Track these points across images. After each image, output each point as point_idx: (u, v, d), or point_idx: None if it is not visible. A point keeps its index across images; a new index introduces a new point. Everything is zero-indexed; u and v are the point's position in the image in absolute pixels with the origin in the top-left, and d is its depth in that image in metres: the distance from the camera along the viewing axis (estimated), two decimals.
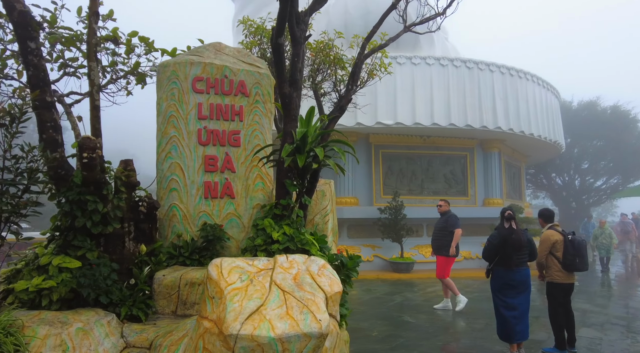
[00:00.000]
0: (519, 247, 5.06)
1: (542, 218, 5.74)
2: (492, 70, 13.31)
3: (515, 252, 5.08)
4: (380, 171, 14.02)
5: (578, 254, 5.33)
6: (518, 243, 5.05)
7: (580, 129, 28.16)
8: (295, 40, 3.98)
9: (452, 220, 7.81)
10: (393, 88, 12.51)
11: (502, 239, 5.10)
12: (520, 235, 5.11)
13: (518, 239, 5.06)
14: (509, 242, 5.06)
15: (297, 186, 3.88)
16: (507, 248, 5.07)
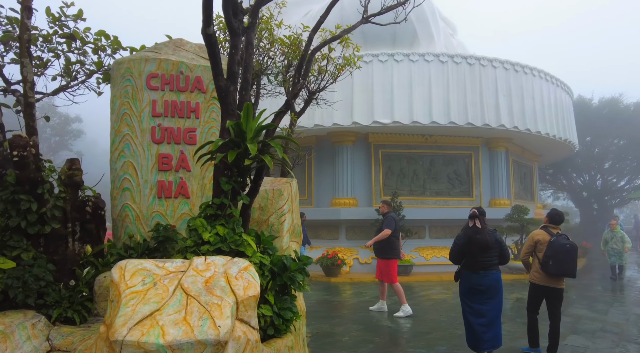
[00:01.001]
0: (485, 247, 4.71)
1: (547, 217, 5.48)
2: (495, 66, 12.85)
3: (481, 253, 4.73)
4: (380, 171, 13.72)
5: (553, 256, 5.07)
6: (483, 243, 4.70)
7: (602, 127, 27.09)
8: (233, 31, 3.80)
9: (387, 221, 7.61)
10: (390, 86, 12.21)
11: (466, 239, 4.80)
12: (486, 235, 4.75)
13: (483, 239, 4.71)
14: (473, 242, 4.74)
15: (232, 184, 3.69)
16: (472, 249, 4.76)
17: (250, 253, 3.65)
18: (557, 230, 5.35)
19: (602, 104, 27.50)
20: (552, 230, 5.34)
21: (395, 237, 7.58)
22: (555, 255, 5.10)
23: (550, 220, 5.45)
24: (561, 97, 15.19)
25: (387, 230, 7.44)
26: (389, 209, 7.89)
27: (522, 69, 13.35)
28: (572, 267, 5.07)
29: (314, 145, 14.20)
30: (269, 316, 3.73)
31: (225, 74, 3.83)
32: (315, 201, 14.07)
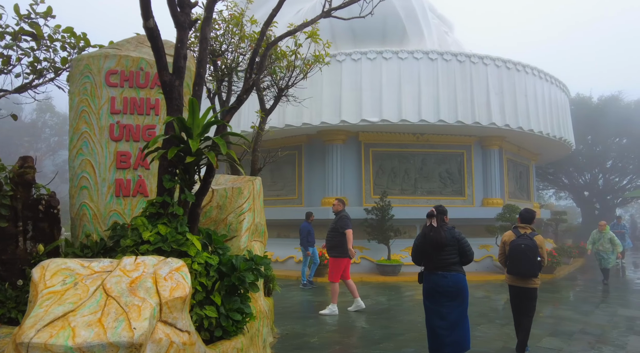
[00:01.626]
0: (438, 245, 4.55)
1: (519, 217, 5.47)
2: (486, 64, 12.68)
3: (436, 252, 4.59)
4: (370, 170, 13.60)
5: (510, 256, 5.16)
6: (436, 241, 4.55)
7: (603, 125, 26.72)
8: (179, 25, 3.72)
9: (343, 220, 7.50)
10: (379, 84, 12.09)
11: (422, 238, 4.72)
12: (440, 232, 4.58)
13: (436, 237, 4.56)
14: (427, 241, 4.63)
15: (175, 182, 3.60)
16: (426, 247, 4.65)
17: (193, 253, 3.55)
18: (527, 230, 5.27)
19: (602, 102, 27.15)
20: (521, 230, 5.29)
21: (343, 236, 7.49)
22: (511, 256, 5.16)
23: (521, 219, 5.42)
24: (556, 95, 14.97)
25: (349, 230, 7.36)
26: (343, 207, 7.79)
27: (515, 66, 13.16)
28: (526, 267, 5.04)
29: (305, 144, 14.11)
30: (214, 317, 3.65)
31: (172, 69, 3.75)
32: (305, 200, 13.98)
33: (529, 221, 5.35)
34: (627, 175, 29.67)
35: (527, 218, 5.36)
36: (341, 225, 7.39)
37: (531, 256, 5.01)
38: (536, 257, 5.02)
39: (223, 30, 5.91)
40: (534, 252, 5.03)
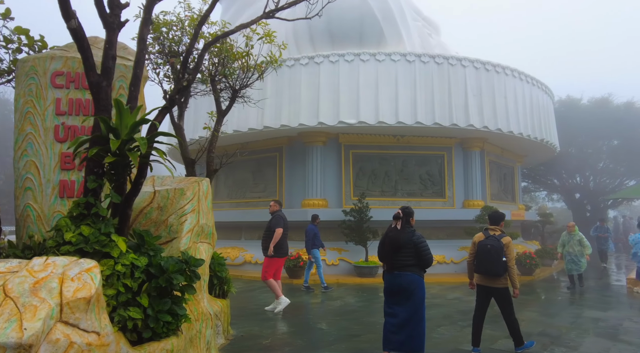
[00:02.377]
0: (395, 247, 4.71)
1: (489, 219, 5.70)
2: (465, 66, 12.70)
3: (394, 253, 4.74)
4: (350, 172, 13.61)
5: (477, 256, 5.37)
6: (393, 242, 4.71)
7: (594, 127, 26.74)
8: (108, 26, 3.72)
9: (275, 220, 7.60)
10: (356, 86, 12.10)
11: (382, 239, 4.91)
12: (399, 234, 4.73)
13: (394, 238, 4.73)
14: (386, 241, 4.82)
15: (100, 182, 3.61)
16: (385, 248, 4.82)
17: (116, 254, 3.55)
18: (496, 232, 5.42)
19: (592, 103, 27.19)
20: (490, 231, 5.46)
21: (283, 236, 7.61)
22: (478, 255, 5.35)
23: (490, 221, 5.63)
24: (538, 97, 14.99)
25: (278, 229, 7.42)
26: (279, 208, 7.88)
27: (494, 68, 13.18)
28: (490, 266, 5.22)
29: (286, 146, 14.12)
30: (139, 319, 3.64)
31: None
32: (286, 202, 13.97)
33: (497, 222, 5.53)
34: (618, 177, 29.67)
35: (495, 220, 5.56)
36: (273, 224, 7.49)
37: (495, 256, 5.19)
38: (501, 257, 5.20)
39: (180, 31, 5.93)
40: (498, 252, 5.20)
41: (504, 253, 5.20)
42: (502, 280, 5.27)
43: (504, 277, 5.26)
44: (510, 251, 5.25)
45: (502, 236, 5.33)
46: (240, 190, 15.42)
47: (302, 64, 12.41)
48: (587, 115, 26.84)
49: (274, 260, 7.59)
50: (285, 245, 7.72)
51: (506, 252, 5.22)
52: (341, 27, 12.76)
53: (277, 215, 7.69)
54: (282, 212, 7.89)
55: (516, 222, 17.51)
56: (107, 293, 3.51)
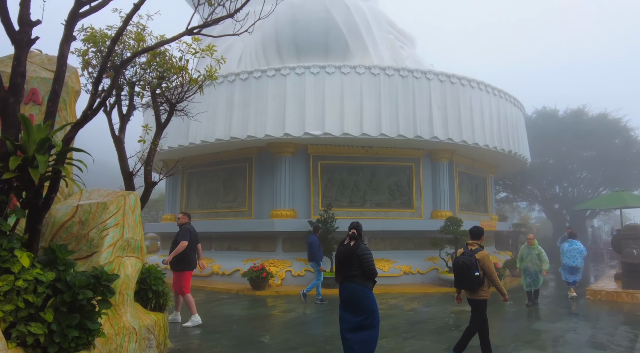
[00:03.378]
0: (343, 260, 5.06)
1: (469, 234, 5.85)
2: (429, 78, 12.89)
3: (342, 266, 5.08)
4: (319, 183, 13.68)
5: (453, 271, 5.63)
6: (341, 256, 5.09)
7: (572, 138, 27.16)
8: (16, 42, 3.77)
9: (181, 233, 7.62)
10: (322, 97, 12.23)
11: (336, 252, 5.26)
12: (347, 249, 5.08)
13: (341, 252, 5.11)
14: (337, 255, 5.19)
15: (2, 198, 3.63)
16: (337, 261, 5.19)
17: (16, 270, 3.57)
18: (474, 246, 5.62)
19: (568, 115, 27.64)
20: (470, 246, 5.65)
21: (190, 249, 7.58)
22: (454, 270, 5.60)
23: (470, 236, 5.80)
24: (506, 110, 15.22)
25: (183, 242, 7.44)
26: (187, 220, 7.88)
27: (459, 81, 13.39)
28: (463, 281, 5.44)
29: (255, 156, 14.18)
30: (41, 334, 3.65)
31: None
32: (255, 213, 13.99)
33: (477, 237, 5.72)
34: (598, 187, 30.08)
35: (475, 235, 5.73)
36: (180, 237, 7.50)
37: (467, 271, 5.38)
38: (473, 272, 5.37)
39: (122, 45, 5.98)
40: (470, 267, 5.38)
41: (478, 268, 5.36)
42: (480, 293, 5.45)
43: (481, 289, 5.43)
44: (486, 264, 5.42)
45: (477, 250, 5.50)
46: (212, 200, 15.41)
47: (269, 76, 12.52)
48: (564, 126, 27.29)
49: (184, 274, 7.57)
50: (192, 258, 7.71)
51: (482, 266, 5.39)
52: (307, 40, 12.93)
53: (185, 227, 7.69)
54: (190, 224, 7.89)
55: (489, 233, 17.67)
56: (4, 309, 3.52)
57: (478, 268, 5.35)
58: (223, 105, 12.87)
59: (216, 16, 4.93)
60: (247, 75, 12.76)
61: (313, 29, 12.80)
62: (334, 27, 12.74)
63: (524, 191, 31.60)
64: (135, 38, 6.26)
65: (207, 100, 13.25)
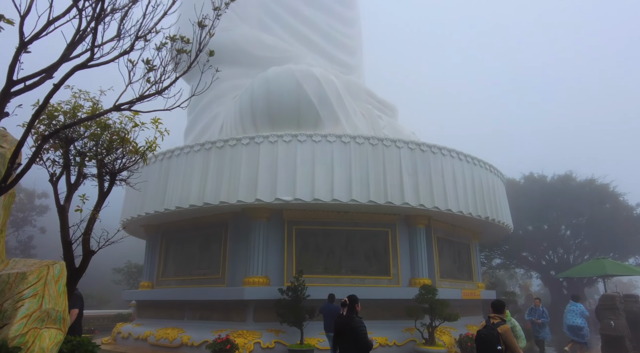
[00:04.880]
0: (339, 330, 5.32)
1: (491, 308, 5.95)
2: (399, 147, 13.23)
3: (338, 335, 5.33)
4: (293, 248, 13.56)
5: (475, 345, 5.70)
6: (338, 325, 5.38)
7: (561, 204, 27.18)
8: None
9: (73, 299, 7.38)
10: (293, 164, 12.50)
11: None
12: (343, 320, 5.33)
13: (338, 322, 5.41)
14: (335, 323, 5.50)
15: None
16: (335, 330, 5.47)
17: None
18: (496, 320, 5.69)
19: (556, 180, 27.89)
20: (492, 319, 5.74)
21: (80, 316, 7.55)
22: (476, 343, 5.73)
23: (492, 309, 5.91)
24: (481, 177, 15.40)
25: (74, 310, 7.27)
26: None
27: (429, 149, 13.72)
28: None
29: (231, 221, 14.19)
30: None
31: None
32: (228, 280, 13.74)
33: (499, 310, 5.81)
34: (594, 253, 29.53)
35: (496, 308, 5.84)
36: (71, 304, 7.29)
37: (489, 345, 5.42)
38: (495, 346, 5.40)
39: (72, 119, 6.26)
40: (492, 341, 5.43)
41: (500, 342, 5.39)
42: None
43: None
44: (509, 338, 5.45)
45: (499, 324, 5.55)
46: (187, 267, 15.21)
47: (244, 144, 12.90)
48: (553, 192, 27.42)
49: None
50: (79, 326, 7.55)
51: (505, 340, 5.42)
52: (280, 111, 13.51)
53: (75, 294, 7.50)
54: (78, 291, 7.70)
55: (474, 302, 17.15)
56: None
57: (500, 342, 5.38)
58: (198, 172, 13.15)
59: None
60: (223, 143, 13.15)
61: (285, 100, 13.42)
62: (305, 98, 13.36)
63: (519, 257, 31.04)
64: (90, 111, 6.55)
65: (182, 168, 13.60)
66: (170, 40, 5.13)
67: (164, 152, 14.38)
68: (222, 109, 16.63)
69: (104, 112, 5.03)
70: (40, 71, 4.46)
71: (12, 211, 34.12)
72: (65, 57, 4.32)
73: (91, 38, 4.04)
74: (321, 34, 20.67)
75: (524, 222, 28.20)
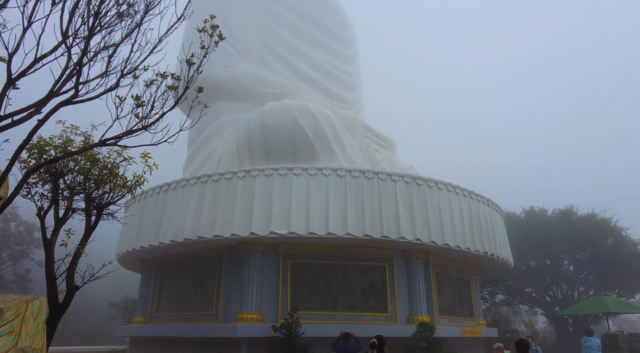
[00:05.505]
0: None
1: (517, 347, 6.12)
2: (395, 180, 13.24)
3: None
4: (288, 284, 13.33)
5: None
6: None
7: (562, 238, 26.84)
8: None
9: None
10: (288, 198, 12.49)
11: None
12: None
13: None
14: None
15: None
16: None
17: None
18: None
19: (557, 215, 27.65)
20: None
21: None
22: None
23: (517, 348, 6.08)
24: (478, 211, 15.31)
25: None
26: None
27: (425, 183, 13.71)
28: None
29: (225, 255, 14.03)
30: None
31: None
32: (221, 316, 13.44)
33: (523, 350, 6.02)
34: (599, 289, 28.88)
35: (521, 348, 6.06)
36: None
37: None
38: None
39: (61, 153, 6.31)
40: None
41: None
42: None
43: None
44: None
45: None
46: (181, 303, 14.93)
47: (240, 177, 12.95)
48: (554, 227, 27.12)
49: None
50: None
51: None
52: (276, 144, 13.64)
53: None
54: None
55: (475, 340, 16.68)
56: None
57: None
58: (194, 206, 13.13)
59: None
60: (219, 177, 13.20)
61: (281, 134, 13.56)
62: (300, 132, 13.51)
63: (522, 293, 30.37)
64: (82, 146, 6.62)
65: (178, 201, 13.59)
66: (161, 76, 5.25)
67: (161, 185, 14.42)
68: (221, 142, 16.81)
69: (89, 146, 5.08)
70: (28, 107, 4.53)
71: (10, 244, 33.97)
72: (52, 94, 4.41)
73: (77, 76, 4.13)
74: (320, 70, 21.12)
75: (526, 257, 27.79)
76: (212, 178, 13.31)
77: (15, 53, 4.06)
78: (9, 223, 32.59)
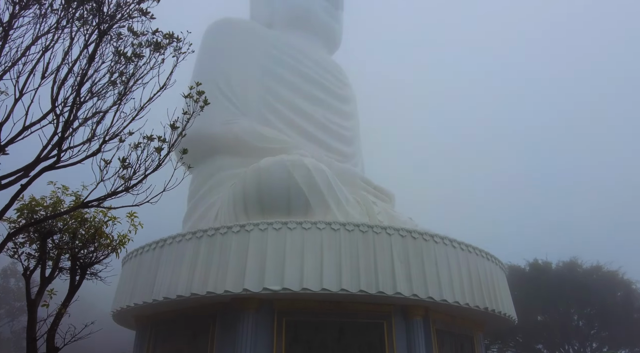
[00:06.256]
0: None
1: None
2: (390, 234, 13.21)
3: None
4: (282, 343, 12.96)
5: None
6: None
7: (569, 293, 26.09)
8: None
9: None
10: (282, 252, 12.45)
11: None
12: None
13: None
14: None
15: None
16: None
17: None
18: None
19: (561, 268, 27.09)
20: None
21: None
22: None
23: None
24: (477, 265, 15.08)
25: None
26: None
27: (421, 236, 13.66)
28: None
29: (219, 313, 13.77)
30: None
31: None
32: None
33: None
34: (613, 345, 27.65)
35: None
36: None
37: None
38: None
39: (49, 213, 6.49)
40: None
41: None
42: None
43: None
44: None
45: None
46: None
47: (234, 232, 13.00)
48: (560, 280, 26.51)
49: None
50: None
51: None
52: (271, 199, 13.81)
53: None
54: None
55: None
56: None
57: None
58: (188, 261, 13.10)
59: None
60: (214, 232, 13.26)
61: (276, 189, 13.77)
62: (294, 186, 13.71)
63: (533, 351, 29.12)
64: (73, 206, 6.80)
65: (173, 257, 13.59)
66: (148, 139, 5.50)
67: (157, 240, 14.47)
68: (219, 197, 17.02)
69: (72, 208, 5.25)
70: (17, 171, 4.75)
71: (9, 300, 33.54)
72: (39, 159, 4.63)
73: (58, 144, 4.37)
74: (319, 126, 21.71)
75: (534, 312, 26.94)
76: (207, 234, 13.36)
77: (5, 122, 4.33)
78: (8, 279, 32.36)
